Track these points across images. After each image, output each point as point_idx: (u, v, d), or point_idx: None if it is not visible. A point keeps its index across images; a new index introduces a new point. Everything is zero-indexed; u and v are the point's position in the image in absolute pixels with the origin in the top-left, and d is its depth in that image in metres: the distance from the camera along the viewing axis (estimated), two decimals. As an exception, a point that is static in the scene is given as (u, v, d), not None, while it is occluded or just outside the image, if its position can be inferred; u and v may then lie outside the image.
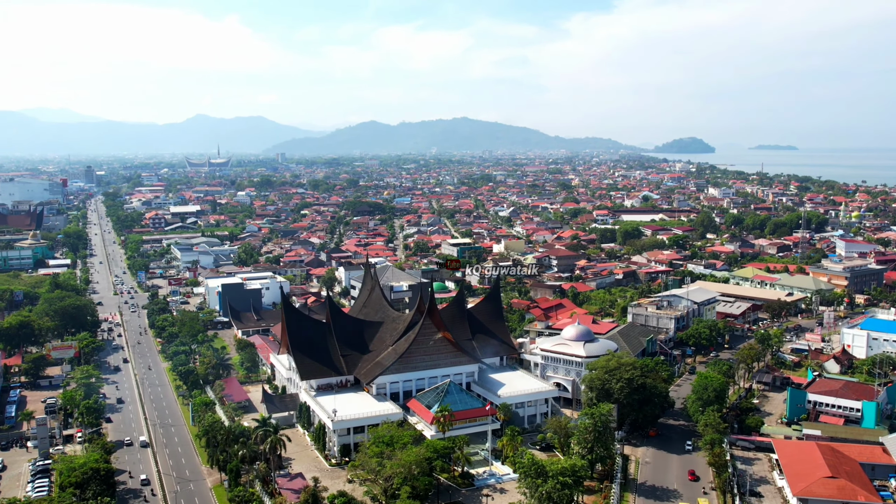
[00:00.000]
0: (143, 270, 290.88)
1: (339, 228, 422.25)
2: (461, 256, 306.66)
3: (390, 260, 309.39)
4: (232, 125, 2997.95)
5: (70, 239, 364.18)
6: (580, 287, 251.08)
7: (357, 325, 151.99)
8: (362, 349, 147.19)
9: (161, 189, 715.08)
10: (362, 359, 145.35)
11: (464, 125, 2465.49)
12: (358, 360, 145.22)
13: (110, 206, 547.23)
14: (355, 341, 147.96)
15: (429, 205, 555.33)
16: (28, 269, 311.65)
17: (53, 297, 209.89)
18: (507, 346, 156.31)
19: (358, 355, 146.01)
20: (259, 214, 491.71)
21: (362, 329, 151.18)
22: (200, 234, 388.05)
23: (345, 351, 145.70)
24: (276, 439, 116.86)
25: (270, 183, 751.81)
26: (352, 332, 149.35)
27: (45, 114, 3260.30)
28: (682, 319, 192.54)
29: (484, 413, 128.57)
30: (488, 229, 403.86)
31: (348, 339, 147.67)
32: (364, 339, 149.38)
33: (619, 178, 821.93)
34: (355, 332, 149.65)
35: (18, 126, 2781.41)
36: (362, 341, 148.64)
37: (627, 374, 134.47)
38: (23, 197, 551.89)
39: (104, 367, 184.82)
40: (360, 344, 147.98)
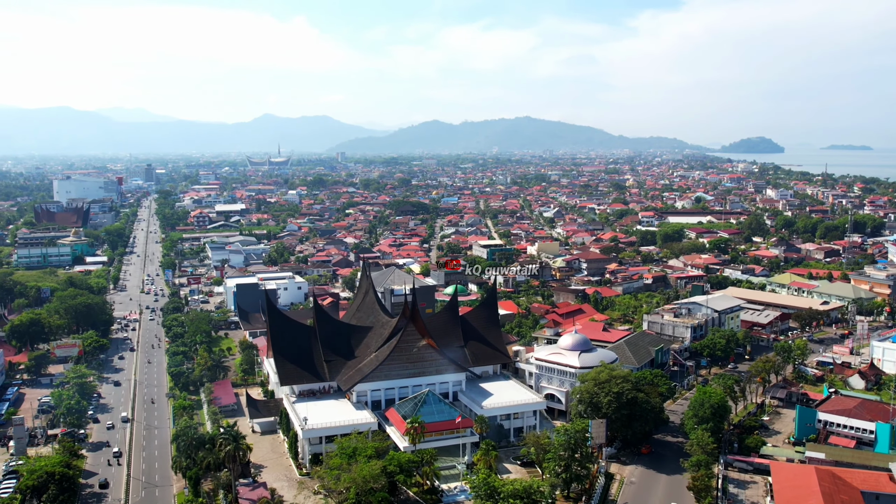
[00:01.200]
0: (171, 269, 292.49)
1: (378, 228, 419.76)
2: (490, 258, 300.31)
3: (421, 261, 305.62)
4: (298, 124, 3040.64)
5: (111, 236, 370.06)
6: (605, 292, 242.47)
7: (344, 331, 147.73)
8: (348, 355, 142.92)
9: (216, 187, 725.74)
10: (346, 365, 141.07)
11: (526, 124, 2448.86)
12: (342, 366, 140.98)
13: (162, 203, 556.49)
14: (341, 347, 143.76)
15: (475, 205, 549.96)
16: (66, 265, 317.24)
17: (65, 295, 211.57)
18: (501, 354, 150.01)
19: (342, 361, 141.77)
20: (304, 213, 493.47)
21: (349, 334, 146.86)
22: (239, 232, 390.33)
23: (329, 356, 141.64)
24: (235, 447, 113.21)
25: (323, 182, 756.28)
26: (338, 337, 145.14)
27: (121, 113, 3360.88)
28: (699, 328, 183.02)
29: (454, 426, 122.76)
30: (527, 230, 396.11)
31: (334, 344, 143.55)
32: (351, 344, 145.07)
33: (677, 178, 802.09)
34: (342, 337, 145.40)
35: (95, 126, 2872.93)
36: (348, 347, 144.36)
37: (616, 388, 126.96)
38: (78, 195, 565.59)
39: (108, 366, 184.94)
40: (345, 349, 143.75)
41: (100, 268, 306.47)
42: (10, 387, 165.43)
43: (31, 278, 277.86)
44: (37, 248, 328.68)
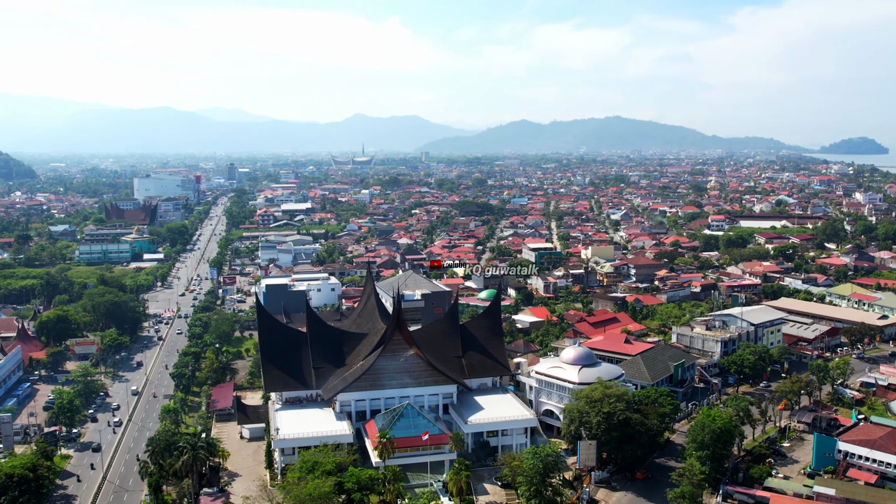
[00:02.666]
0: (216, 267, 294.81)
1: (438, 229, 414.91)
2: (539, 262, 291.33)
3: (470, 263, 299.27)
4: (388, 124, 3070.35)
5: (172, 234, 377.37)
6: (648, 300, 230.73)
7: (337, 337, 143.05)
8: (338, 363, 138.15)
9: (293, 186, 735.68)
10: (335, 373, 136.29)
11: (616, 124, 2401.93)
12: (330, 373, 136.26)
13: (235, 202, 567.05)
14: (332, 354, 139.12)
15: (544, 206, 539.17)
16: (125, 262, 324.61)
17: (94, 292, 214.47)
18: (500, 366, 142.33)
19: (332, 369, 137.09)
20: (369, 213, 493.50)
21: (342, 341, 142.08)
22: (297, 231, 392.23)
23: (318, 363, 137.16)
24: (193, 456, 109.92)
25: (398, 181, 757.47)
26: (330, 343, 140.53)
27: (220, 114, 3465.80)
28: (731, 343, 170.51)
29: (420, 443, 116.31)
30: (588, 233, 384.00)
31: (325, 351, 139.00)
32: (343, 352, 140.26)
33: (763, 180, 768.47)
34: (334, 344, 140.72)
35: (194, 125, 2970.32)
36: (340, 354, 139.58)
37: (607, 407, 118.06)
38: (157, 193, 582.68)
39: (126, 364, 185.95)
40: (336, 357, 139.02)
41: (153, 265, 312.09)
42: (24, 382, 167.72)
43: (84, 274, 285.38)
44: (98, 245, 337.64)
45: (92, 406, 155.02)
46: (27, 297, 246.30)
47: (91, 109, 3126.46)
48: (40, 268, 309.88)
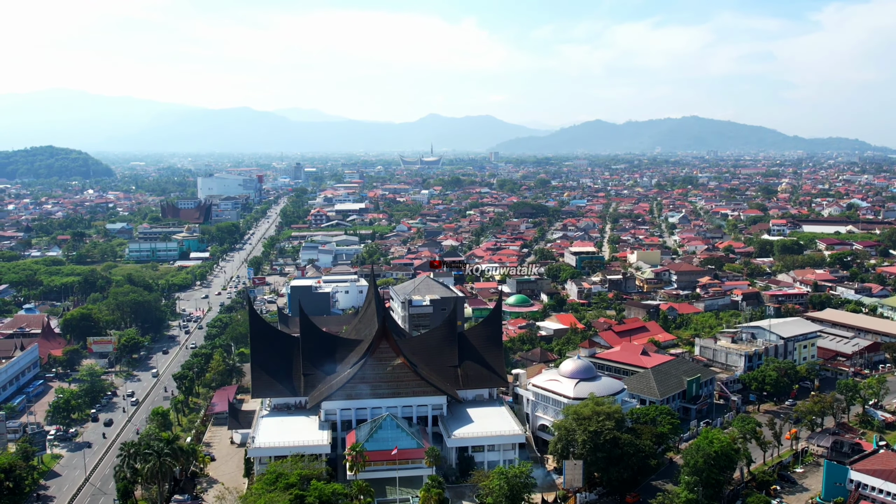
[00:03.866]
0: (254, 267, 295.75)
1: (488, 231, 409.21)
2: (579, 266, 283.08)
3: (510, 266, 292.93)
4: (461, 124, 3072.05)
5: (222, 233, 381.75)
6: (684, 308, 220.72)
7: (330, 343, 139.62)
8: (329, 369, 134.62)
9: (356, 186, 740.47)
10: (324, 380, 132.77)
11: (693, 124, 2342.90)
12: (320, 380, 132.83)
13: (294, 201, 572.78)
14: (324, 360, 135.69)
15: (603, 208, 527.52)
16: (172, 260, 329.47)
17: (119, 291, 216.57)
18: (497, 377, 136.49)
19: (322, 375, 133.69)
20: (423, 213, 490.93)
21: (335, 347, 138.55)
22: (344, 232, 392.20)
23: (308, 370, 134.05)
24: (159, 463, 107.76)
25: (460, 182, 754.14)
26: (322, 349, 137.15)
27: (296, 114, 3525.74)
28: (757, 357, 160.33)
29: (389, 457, 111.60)
30: (639, 236, 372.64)
31: (316, 357, 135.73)
32: (335, 358, 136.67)
33: (840, 182, 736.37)
34: (326, 350, 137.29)
35: (272, 125, 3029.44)
36: (332, 361, 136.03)
37: (594, 426, 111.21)
38: (219, 192, 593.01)
39: (144, 364, 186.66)
40: (328, 363, 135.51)
41: (197, 264, 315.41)
42: (38, 380, 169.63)
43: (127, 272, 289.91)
44: (147, 244, 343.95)
45: (96, 405, 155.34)
46: (66, 295, 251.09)
47: (173, 110, 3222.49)
48: (91, 265, 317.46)
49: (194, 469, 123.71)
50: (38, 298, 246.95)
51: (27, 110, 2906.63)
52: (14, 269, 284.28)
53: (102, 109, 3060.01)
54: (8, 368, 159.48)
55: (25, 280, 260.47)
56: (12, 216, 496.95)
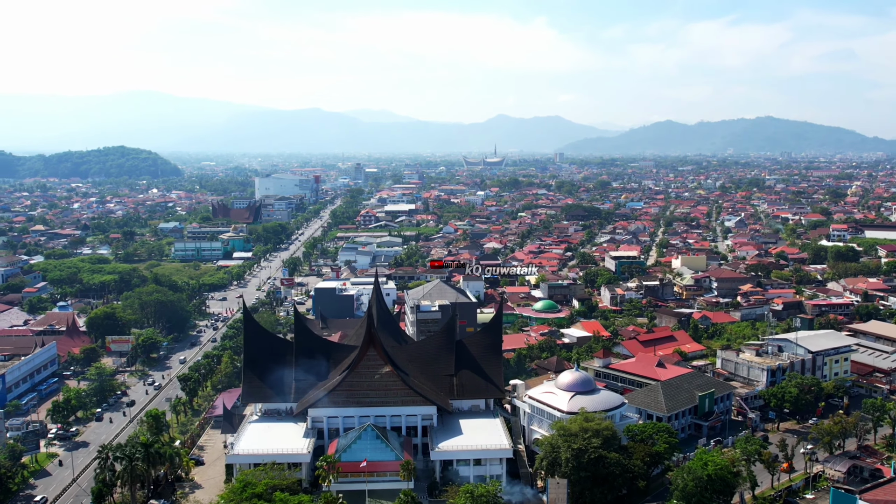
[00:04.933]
0: (289, 268, 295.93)
1: (535, 233, 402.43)
2: (618, 271, 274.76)
3: (549, 270, 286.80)
4: (529, 125, 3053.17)
5: (268, 233, 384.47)
6: (719, 317, 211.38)
7: (325, 349, 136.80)
8: (321, 376, 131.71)
9: (415, 187, 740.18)
10: (315, 386, 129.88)
11: (767, 125, 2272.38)
12: (310, 387, 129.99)
13: (348, 202, 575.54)
14: (317, 366, 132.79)
15: (659, 211, 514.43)
16: (216, 260, 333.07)
17: (144, 290, 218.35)
18: (494, 388, 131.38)
19: (313, 381, 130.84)
20: (474, 215, 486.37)
21: (329, 353, 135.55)
22: (388, 233, 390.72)
23: (301, 376, 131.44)
24: (130, 467, 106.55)
25: (517, 183, 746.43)
26: (316, 355, 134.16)
27: (367, 115, 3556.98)
28: (780, 372, 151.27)
29: (357, 469, 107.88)
30: (689, 240, 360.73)
31: (310, 363, 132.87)
32: (329, 364, 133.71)
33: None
34: (320, 355, 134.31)
35: (342, 126, 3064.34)
36: (326, 367, 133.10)
37: (579, 443, 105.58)
38: (276, 191, 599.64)
39: (161, 364, 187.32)
40: (321, 369, 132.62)
41: (239, 263, 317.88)
42: (54, 377, 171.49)
43: (168, 271, 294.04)
44: (192, 243, 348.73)
45: (103, 405, 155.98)
46: (104, 293, 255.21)
47: (247, 111, 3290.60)
48: (136, 263, 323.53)
49: (179, 473, 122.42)
50: (77, 296, 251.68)
51: (108, 111, 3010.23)
52: (59, 266, 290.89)
53: (179, 111, 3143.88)
54: (21, 366, 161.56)
55: (66, 278, 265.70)
56: (75, 214, 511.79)
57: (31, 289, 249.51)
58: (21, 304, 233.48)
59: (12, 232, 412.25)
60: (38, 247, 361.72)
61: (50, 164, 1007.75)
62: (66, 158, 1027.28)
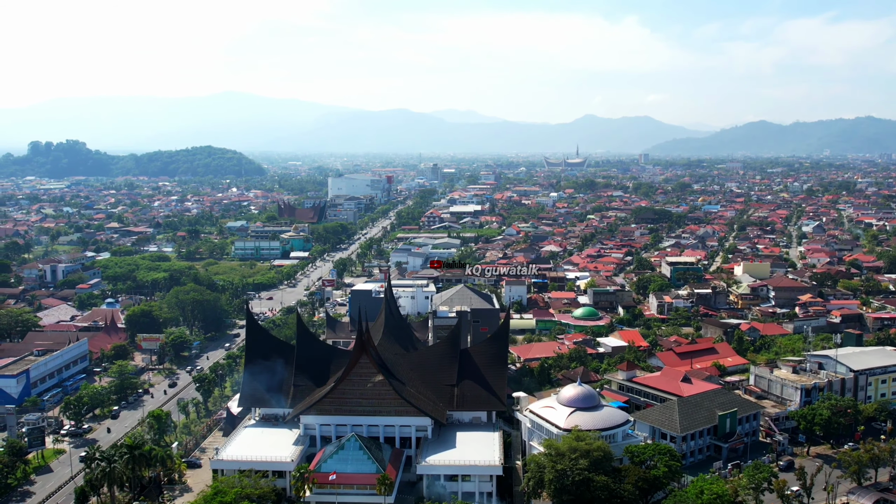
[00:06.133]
0: (338, 269, 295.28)
1: (598, 236, 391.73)
2: (673, 278, 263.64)
3: (603, 274, 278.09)
4: (617, 125, 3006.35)
5: (328, 233, 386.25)
6: (770, 329, 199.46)
7: (327, 354, 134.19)
8: (320, 381, 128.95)
9: (489, 188, 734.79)
10: (312, 391, 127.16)
11: (866, 125, 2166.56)
12: (308, 392, 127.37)
13: (417, 202, 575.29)
14: (317, 371, 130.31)
15: (735, 215, 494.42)
16: (274, 259, 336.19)
17: (181, 290, 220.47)
18: (495, 400, 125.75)
19: (312, 387, 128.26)
20: (541, 217, 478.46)
21: (331, 359, 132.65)
22: (447, 234, 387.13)
23: (300, 380, 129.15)
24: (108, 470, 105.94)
25: (593, 184, 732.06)
26: (318, 360, 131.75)
27: (453, 115, 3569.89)
28: (816, 391, 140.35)
29: (346, 480, 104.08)
30: (758, 246, 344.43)
31: (310, 367, 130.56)
32: (330, 370, 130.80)
33: None
34: (321, 360, 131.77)
35: (429, 127, 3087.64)
36: (325, 373, 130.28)
37: (563, 464, 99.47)
38: (347, 191, 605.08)
39: (189, 362, 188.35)
40: (321, 375, 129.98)
41: (293, 263, 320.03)
42: (81, 374, 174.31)
43: (222, 270, 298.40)
44: (252, 242, 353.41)
45: (122, 403, 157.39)
46: (156, 290, 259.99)
47: (336, 111, 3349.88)
48: (197, 261, 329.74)
49: (173, 476, 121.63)
50: (129, 293, 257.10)
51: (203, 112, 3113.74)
52: (119, 263, 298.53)
53: (271, 112, 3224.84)
54: (48, 362, 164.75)
55: (121, 275, 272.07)
56: (152, 212, 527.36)
57: (84, 285, 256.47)
58: (73, 300, 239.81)
59: (88, 229, 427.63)
60: (108, 244, 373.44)
61: (141, 163, 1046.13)
62: (156, 158, 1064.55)
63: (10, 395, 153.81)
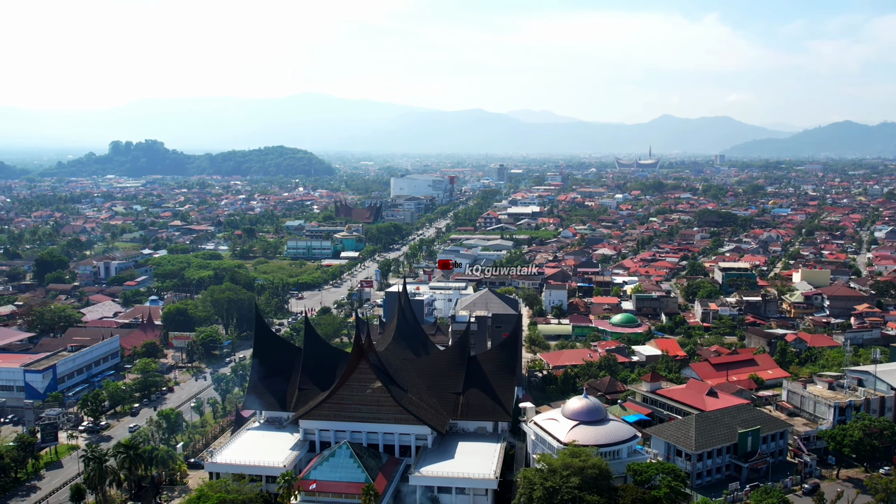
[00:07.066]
0: (381, 270, 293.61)
1: (655, 239, 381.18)
2: (724, 284, 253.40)
3: (654, 279, 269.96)
4: (695, 125, 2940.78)
5: (381, 234, 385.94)
6: (819, 340, 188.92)
7: (334, 357, 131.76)
8: (326, 385, 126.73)
9: (555, 189, 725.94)
10: (317, 395, 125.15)
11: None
12: (312, 396, 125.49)
13: (479, 203, 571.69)
14: (323, 375, 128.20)
15: (807, 219, 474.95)
16: (325, 258, 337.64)
17: (216, 288, 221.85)
18: (500, 410, 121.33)
19: (317, 391, 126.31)
20: (600, 219, 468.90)
21: (338, 362, 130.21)
22: (500, 236, 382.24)
23: (305, 384, 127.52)
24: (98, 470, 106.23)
25: (661, 186, 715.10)
26: (324, 364, 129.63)
27: (528, 115, 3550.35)
28: (850, 410, 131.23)
29: (335, 489, 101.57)
30: (823, 251, 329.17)
31: (317, 371, 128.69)
32: (336, 374, 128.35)
33: None
34: (327, 364, 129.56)
35: (504, 127, 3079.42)
36: (332, 376, 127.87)
37: (553, 481, 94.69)
38: (409, 192, 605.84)
39: (220, 361, 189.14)
40: (326, 379, 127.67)
41: (342, 263, 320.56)
42: (110, 370, 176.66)
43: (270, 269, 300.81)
44: (304, 241, 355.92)
45: (144, 400, 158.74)
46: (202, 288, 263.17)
47: (411, 112, 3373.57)
48: (250, 259, 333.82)
49: (175, 476, 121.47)
50: (176, 290, 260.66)
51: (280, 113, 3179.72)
52: (172, 261, 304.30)
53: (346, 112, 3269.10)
54: (76, 358, 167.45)
55: (171, 272, 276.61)
56: (217, 211, 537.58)
57: (131, 282, 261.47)
58: (120, 296, 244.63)
59: (152, 226, 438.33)
60: (167, 241, 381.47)
61: (215, 162, 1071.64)
62: (229, 157, 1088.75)
63: (37, 389, 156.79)
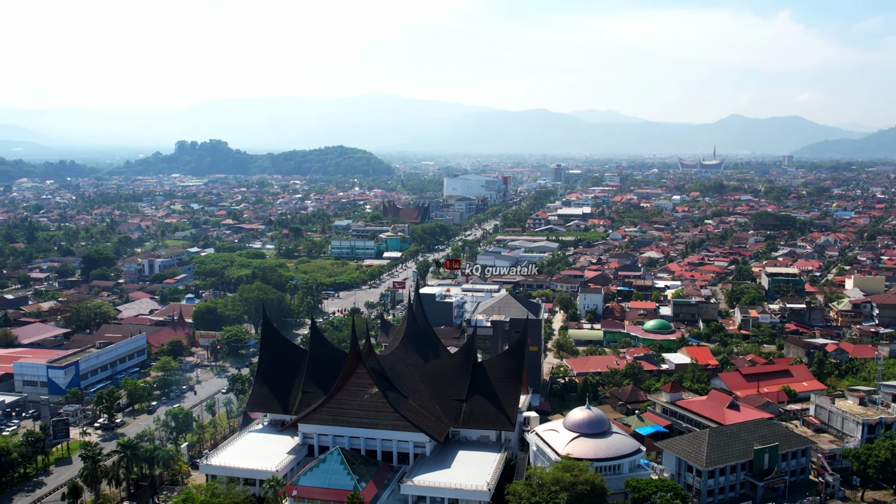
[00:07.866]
0: (419, 271, 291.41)
1: (707, 242, 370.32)
2: (770, 290, 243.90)
3: (698, 284, 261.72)
4: (765, 125, 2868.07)
5: (425, 234, 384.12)
6: (860, 351, 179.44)
7: (337, 359, 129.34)
8: (329, 389, 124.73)
9: (612, 189, 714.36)
10: (320, 399, 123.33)
11: None
12: (315, 399, 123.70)
13: (531, 204, 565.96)
14: (327, 379, 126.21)
15: (872, 222, 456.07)
16: (366, 258, 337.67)
17: (247, 287, 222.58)
18: (504, 419, 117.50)
19: (320, 394, 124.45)
20: (652, 221, 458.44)
21: (342, 364, 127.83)
22: (546, 238, 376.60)
23: (309, 387, 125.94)
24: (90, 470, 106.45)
25: (721, 187, 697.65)
26: (329, 367, 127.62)
27: (593, 115, 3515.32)
28: (881, 427, 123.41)
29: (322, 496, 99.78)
30: (882, 256, 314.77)
31: (322, 374, 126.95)
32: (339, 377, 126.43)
33: None
34: (332, 367, 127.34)
35: (567, 127, 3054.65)
36: (334, 380, 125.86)
37: (541, 496, 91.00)
38: (462, 192, 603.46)
39: (245, 360, 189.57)
40: (331, 383, 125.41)
41: (383, 263, 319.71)
42: (134, 368, 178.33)
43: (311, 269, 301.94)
44: (347, 241, 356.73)
45: (162, 398, 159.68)
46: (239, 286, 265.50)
47: (475, 112, 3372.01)
48: (294, 259, 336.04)
49: (177, 476, 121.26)
50: (216, 289, 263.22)
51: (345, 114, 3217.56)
52: (216, 259, 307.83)
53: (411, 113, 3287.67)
54: (100, 355, 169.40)
55: (211, 271, 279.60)
56: (272, 210, 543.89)
57: (170, 280, 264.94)
58: (158, 294, 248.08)
59: (205, 225, 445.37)
60: (217, 240, 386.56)
61: (276, 162, 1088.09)
62: (290, 157, 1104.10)
63: (59, 385, 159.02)
